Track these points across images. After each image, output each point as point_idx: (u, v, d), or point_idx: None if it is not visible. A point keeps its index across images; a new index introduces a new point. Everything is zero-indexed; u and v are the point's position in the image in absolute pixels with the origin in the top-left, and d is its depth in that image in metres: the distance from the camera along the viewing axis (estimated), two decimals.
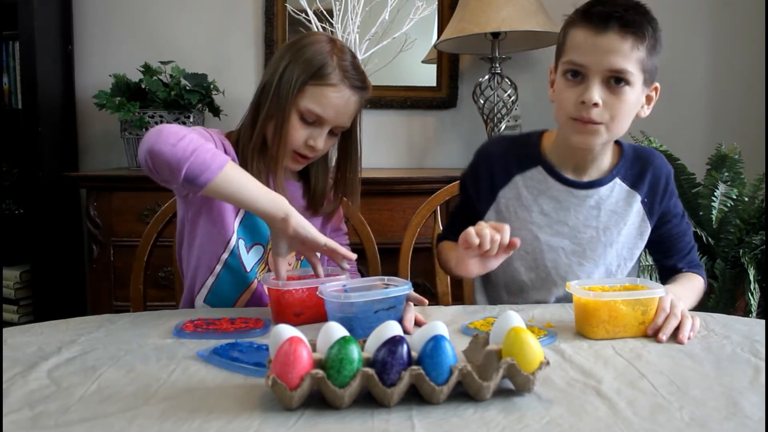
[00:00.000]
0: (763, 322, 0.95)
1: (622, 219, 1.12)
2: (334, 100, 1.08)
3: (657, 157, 1.15)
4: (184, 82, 2.02)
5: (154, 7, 2.26)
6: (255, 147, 1.10)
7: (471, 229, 0.94)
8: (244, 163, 1.10)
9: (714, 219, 1.71)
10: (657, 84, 1.06)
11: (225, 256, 1.11)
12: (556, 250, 1.12)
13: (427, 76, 2.33)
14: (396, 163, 2.36)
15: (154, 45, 2.24)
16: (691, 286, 1.12)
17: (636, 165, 1.13)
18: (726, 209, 1.72)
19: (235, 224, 1.11)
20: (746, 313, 1.67)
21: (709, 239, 1.81)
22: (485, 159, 1.18)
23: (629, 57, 0.98)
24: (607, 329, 0.88)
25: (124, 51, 2.24)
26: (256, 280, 1.13)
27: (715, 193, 1.74)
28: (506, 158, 1.15)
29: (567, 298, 1.12)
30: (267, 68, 1.13)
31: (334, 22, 1.98)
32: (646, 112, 1.07)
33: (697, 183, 1.90)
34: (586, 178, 1.12)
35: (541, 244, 1.12)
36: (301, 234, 0.95)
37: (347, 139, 1.18)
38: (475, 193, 1.18)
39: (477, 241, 0.92)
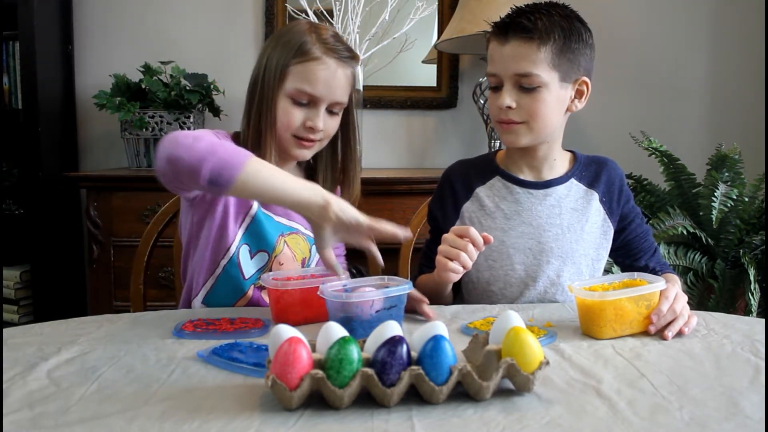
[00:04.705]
0: (763, 321, 0.95)
1: (583, 215, 1.16)
2: (320, 73, 1.06)
3: (610, 161, 1.22)
4: (184, 82, 2.02)
5: (154, 7, 2.26)
6: (251, 143, 1.08)
7: (447, 263, 0.98)
8: None
9: (714, 219, 1.71)
10: (586, 78, 1.11)
11: (224, 262, 1.11)
12: (523, 251, 1.14)
13: (427, 76, 2.33)
14: (396, 163, 2.36)
15: (154, 45, 2.24)
16: (679, 286, 1.13)
17: (590, 168, 1.20)
18: (726, 209, 1.72)
19: (238, 231, 1.11)
20: (746, 313, 1.67)
21: (709, 239, 1.80)
22: (447, 180, 1.23)
23: (533, 60, 1.05)
24: (614, 328, 0.88)
25: (124, 51, 2.24)
26: (252, 287, 1.13)
27: (715, 193, 1.74)
28: (467, 176, 1.21)
29: (540, 299, 1.14)
30: (255, 66, 1.13)
31: (334, 22, 1.98)
32: (579, 105, 1.13)
33: (697, 183, 1.90)
34: (542, 179, 1.18)
35: (508, 247, 1.14)
36: (344, 219, 0.87)
37: (344, 123, 1.16)
38: (442, 215, 1.21)
39: (462, 270, 0.98)
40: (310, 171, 1.22)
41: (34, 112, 2.02)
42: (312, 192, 0.88)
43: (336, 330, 0.68)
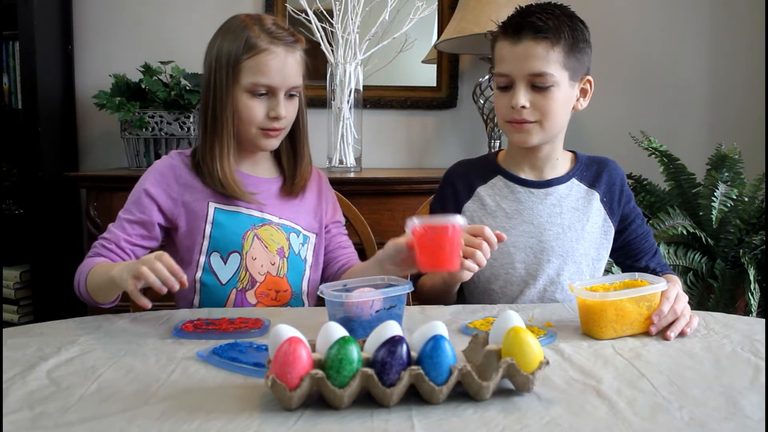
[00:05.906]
0: (763, 321, 0.95)
1: (584, 215, 1.17)
2: (272, 63, 1.08)
3: (611, 161, 1.23)
4: (184, 82, 2.02)
5: (154, 7, 2.26)
6: (208, 145, 1.11)
7: (463, 261, 0.96)
8: (202, 167, 1.13)
9: (714, 219, 1.71)
10: (590, 77, 1.14)
11: (199, 274, 1.12)
12: (524, 250, 1.15)
13: (427, 76, 2.33)
14: (396, 163, 2.36)
15: (154, 45, 2.24)
16: (680, 287, 1.14)
17: (591, 168, 1.21)
18: (726, 209, 1.72)
19: (203, 241, 1.12)
20: (746, 313, 1.67)
21: (709, 239, 1.81)
22: (449, 180, 1.24)
23: (546, 59, 1.06)
24: (615, 328, 0.88)
25: (124, 51, 2.24)
26: (234, 291, 1.13)
27: (715, 193, 1.74)
28: (468, 176, 1.22)
29: (540, 299, 1.14)
30: (203, 72, 1.15)
31: (334, 22, 1.98)
32: (584, 104, 1.16)
33: (697, 183, 1.90)
34: (543, 178, 1.18)
35: (509, 246, 1.15)
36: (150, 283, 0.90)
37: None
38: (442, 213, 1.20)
39: (477, 268, 0.98)
40: (277, 156, 1.23)
41: (34, 112, 2.02)
42: (121, 269, 0.93)
43: (336, 330, 0.68)
